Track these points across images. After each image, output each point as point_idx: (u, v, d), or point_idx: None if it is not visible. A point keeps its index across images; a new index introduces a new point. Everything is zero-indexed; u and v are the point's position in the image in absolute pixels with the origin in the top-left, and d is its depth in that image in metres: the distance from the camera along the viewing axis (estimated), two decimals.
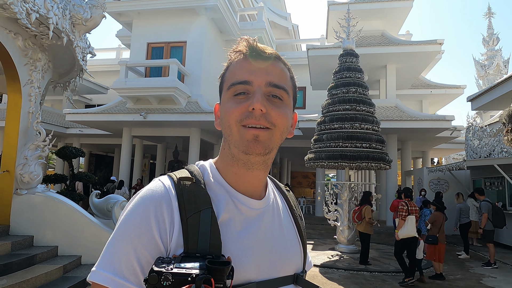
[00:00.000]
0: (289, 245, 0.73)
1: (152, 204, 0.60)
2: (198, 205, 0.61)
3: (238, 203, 0.67)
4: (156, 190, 0.63)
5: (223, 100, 0.70)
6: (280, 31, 23.94)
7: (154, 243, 0.58)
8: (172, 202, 0.61)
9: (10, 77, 4.76)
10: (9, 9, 3.94)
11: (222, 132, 0.70)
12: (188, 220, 0.60)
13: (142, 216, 0.59)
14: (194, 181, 0.66)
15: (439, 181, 12.47)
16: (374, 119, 8.17)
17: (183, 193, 0.63)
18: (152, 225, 0.59)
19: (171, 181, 0.65)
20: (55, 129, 16.44)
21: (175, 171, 0.70)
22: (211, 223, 0.60)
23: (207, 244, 0.58)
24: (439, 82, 19.27)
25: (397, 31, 16.17)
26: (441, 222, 6.11)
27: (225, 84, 0.70)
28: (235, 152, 0.66)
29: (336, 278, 5.95)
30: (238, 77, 0.66)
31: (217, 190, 0.67)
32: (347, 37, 9.15)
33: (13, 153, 4.77)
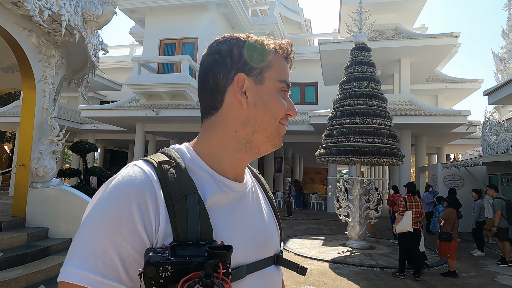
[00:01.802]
0: (269, 226, 0.74)
1: (133, 192, 0.55)
2: (183, 190, 0.58)
3: (223, 186, 0.65)
4: (135, 176, 0.57)
5: (269, 86, 0.67)
6: (292, 26, 23.76)
7: (137, 235, 0.53)
8: (155, 188, 0.57)
9: (25, 73, 4.88)
10: (23, 7, 4.03)
11: (250, 113, 0.66)
12: (174, 207, 0.56)
13: (121, 205, 0.54)
14: (175, 165, 0.61)
15: (454, 178, 12.22)
16: (386, 114, 8.05)
17: (166, 178, 0.58)
18: (134, 215, 0.54)
19: (150, 166, 0.60)
20: (71, 125, 16.81)
21: (151, 156, 0.64)
22: (199, 208, 0.57)
23: (198, 231, 0.55)
24: (455, 76, 18.80)
25: (411, 24, 15.82)
26: (454, 219, 6.02)
27: (274, 71, 0.68)
28: (261, 140, 0.67)
29: (346, 274, 5.92)
30: (286, 77, 0.69)
31: (199, 174, 0.64)
32: (359, 31, 9.02)
33: (28, 147, 4.90)
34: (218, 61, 0.68)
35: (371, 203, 8.19)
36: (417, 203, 5.87)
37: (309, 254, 7.25)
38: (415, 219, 5.81)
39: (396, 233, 5.94)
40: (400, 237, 6.00)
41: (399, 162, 7.91)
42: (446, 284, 5.58)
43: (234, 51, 0.68)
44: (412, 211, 5.80)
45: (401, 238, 5.97)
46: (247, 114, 0.66)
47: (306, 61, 21.06)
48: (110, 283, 0.51)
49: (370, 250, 7.85)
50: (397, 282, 5.58)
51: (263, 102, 0.66)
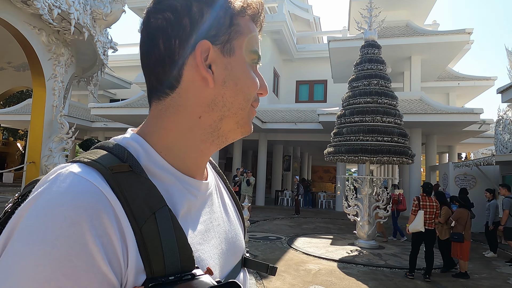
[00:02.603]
0: (235, 226, 0.63)
1: (85, 217, 0.37)
2: (150, 205, 0.42)
3: (192, 189, 0.52)
4: (81, 191, 0.39)
5: (241, 59, 0.53)
6: (301, 23, 23.63)
7: (102, 280, 0.37)
8: (114, 207, 0.40)
9: (35, 71, 4.93)
10: (33, 5, 4.07)
11: (216, 95, 0.51)
12: (142, 230, 0.40)
13: (69, 241, 0.35)
14: (131, 169, 0.44)
15: (466, 177, 12.01)
16: (396, 112, 7.94)
17: (123, 190, 0.41)
18: (94, 252, 0.36)
19: (96, 173, 0.41)
20: (82, 123, 17.03)
21: (88, 153, 0.45)
22: (173, 226, 0.43)
23: (177, 258, 0.41)
24: (468, 74, 18.48)
25: (423, 21, 15.58)
26: (465, 219, 5.90)
27: (245, 38, 0.53)
28: (230, 127, 0.53)
29: (355, 274, 5.86)
30: (257, 46, 0.56)
31: (162, 177, 0.48)
32: (369, 28, 8.90)
33: (38, 145, 4.95)
34: (172, 22, 0.50)
35: (381, 202, 8.10)
36: (432, 203, 5.79)
37: (317, 253, 7.20)
38: (429, 219, 5.74)
39: (409, 232, 5.89)
40: (413, 237, 5.95)
41: (409, 161, 7.80)
42: (457, 286, 5.48)
43: (193, 9, 0.50)
44: (426, 211, 5.72)
45: (414, 238, 5.92)
46: (214, 95, 0.50)
47: (315, 58, 20.94)
48: None
49: (379, 250, 7.76)
50: (407, 282, 5.50)
51: (233, 79, 0.51)
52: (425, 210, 5.73)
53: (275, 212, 14.31)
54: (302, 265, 6.29)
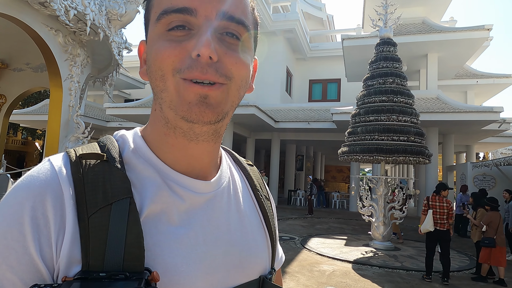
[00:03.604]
0: (252, 239, 0.54)
1: (29, 199, 0.39)
2: (109, 195, 0.41)
3: (177, 187, 0.47)
4: (39, 176, 0.41)
5: (150, 36, 0.47)
6: (314, 22, 23.46)
7: (29, 263, 0.37)
8: (63, 192, 0.40)
9: (52, 72, 5.02)
10: (50, 7, 4.13)
11: (150, 85, 0.48)
12: (90, 220, 0.39)
13: (10, 219, 0.38)
14: (106, 159, 0.44)
15: (485, 177, 11.68)
16: (412, 111, 7.78)
17: (85, 177, 0.41)
18: (26, 232, 0.37)
19: (65, 160, 0.43)
20: (97, 123, 17.32)
21: (81, 146, 0.47)
22: (129, 220, 0.40)
23: (121, 255, 0.38)
24: (487, 72, 17.98)
25: (439, 18, 15.24)
26: (497, 223, 5.64)
27: (153, 10, 0.46)
28: (170, 117, 0.46)
29: (370, 275, 5.76)
30: (174, 0, 0.44)
31: (143, 170, 0.46)
32: (384, 25, 8.74)
33: (55, 144, 5.04)
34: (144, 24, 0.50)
35: (396, 203, 7.95)
36: (442, 204, 5.68)
37: (331, 254, 7.11)
38: (440, 220, 5.64)
39: (421, 233, 5.84)
40: (426, 238, 5.88)
41: (426, 161, 7.63)
42: None
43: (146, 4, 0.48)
44: (435, 211, 5.67)
45: (428, 240, 5.85)
46: (151, 84, 0.47)
47: (329, 57, 20.75)
48: None
49: (395, 252, 7.62)
50: (424, 286, 5.38)
51: (148, 64, 0.47)
52: (434, 210, 5.69)
53: (288, 212, 14.24)
54: (316, 266, 6.22)
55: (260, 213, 0.59)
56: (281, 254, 0.66)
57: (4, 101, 6.96)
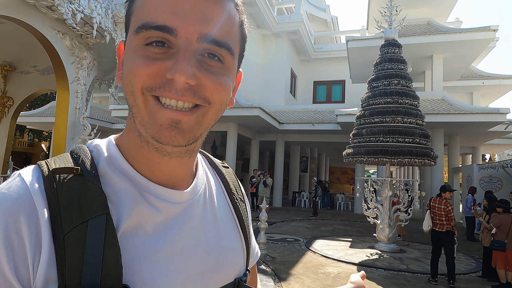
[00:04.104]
0: (227, 244, 0.54)
1: (1, 217, 0.37)
2: (84, 212, 0.40)
3: (153, 199, 0.46)
4: (9, 193, 0.39)
5: (128, 45, 0.44)
6: (319, 23, 23.46)
7: (4, 285, 0.36)
8: (37, 210, 0.39)
9: (59, 75, 5.08)
10: (57, 10, 4.19)
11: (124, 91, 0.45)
12: (66, 238, 0.38)
13: None
14: (80, 173, 0.42)
15: (491, 179, 11.58)
16: (418, 112, 7.75)
17: (58, 193, 0.40)
18: (0, 253, 0.36)
19: (37, 175, 0.41)
20: (103, 125, 17.44)
21: (54, 158, 0.45)
22: (106, 237, 0.39)
23: (98, 274, 0.37)
24: (493, 72, 17.86)
25: (445, 19, 15.17)
26: (508, 226, 5.52)
27: (133, 19, 0.44)
28: (142, 132, 0.44)
29: (375, 278, 5.74)
30: (154, 15, 0.41)
31: (119, 183, 0.45)
32: (389, 27, 8.73)
33: (62, 146, 5.09)
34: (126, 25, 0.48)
35: (402, 205, 7.92)
36: (440, 206, 5.74)
37: (336, 256, 7.09)
38: (439, 221, 5.72)
39: (425, 232, 6.06)
40: (431, 241, 5.93)
41: (431, 162, 7.59)
42: None
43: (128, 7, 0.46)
44: (433, 211, 5.81)
45: (432, 242, 5.92)
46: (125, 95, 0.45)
47: (333, 58, 20.73)
48: None
49: (400, 254, 7.58)
50: None
51: (124, 73, 0.45)
52: (433, 211, 5.82)
53: (292, 214, 14.22)
54: (321, 268, 6.21)
55: (236, 217, 0.59)
56: (256, 250, 0.66)
57: (11, 103, 7.04)
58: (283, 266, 6.13)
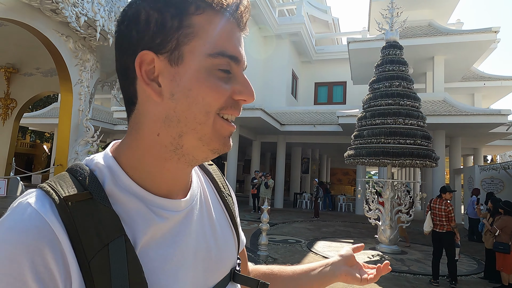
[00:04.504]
0: (223, 241, 0.59)
1: (25, 255, 0.37)
2: (103, 236, 0.41)
3: (160, 211, 0.48)
4: (27, 226, 0.39)
5: (194, 65, 0.46)
6: (320, 25, 23.49)
7: None
8: (60, 241, 0.39)
9: (63, 77, 5.11)
10: (61, 14, 4.22)
11: (172, 108, 0.46)
12: (91, 264, 0.39)
13: (7, 280, 0.36)
14: (90, 196, 0.43)
15: (493, 181, 11.58)
16: (419, 114, 7.77)
17: (76, 222, 0.40)
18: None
19: (49, 204, 0.41)
20: (104, 126, 17.50)
21: (54, 180, 0.45)
22: (128, 258, 0.41)
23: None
24: (494, 74, 17.86)
25: (446, 20, 15.18)
26: (511, 228, 5.49)
27: (201, 40, 0.46)
28: (193, 145, 0.48)
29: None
30: (229, 46, 0.47)
31: (128, 202, 0.46)
32: (390, 28, 8.75)
33: (66, 148, 5.12)
34: (123, 36, 0.48)
35: (403, 207, 7.93)
36: (440, 207, 5.77)
37: None
38: (439, 222, 5.75)
39: (425, 233, 6.09)
40: (432, 242, 5.96)
41: (433, 164, 7.60)
42: None
43: (141, 17, 0.46)
44: (434, 213, 5.84)
45: (433, 243, 5.95)
46: (166, 110, 0.46)
47: (334, 60, 20.76)
48: None
49: (402, 255, 7.59)
50: None
51: (182, 91, 0.46)
52: (433, 212, 5.85)
53: (293, 215, 14.23)
54: None
55: (227, 214, 0.63)
56: (242, 238, 0.70)
57: (14, 105, 7.08)
58: None
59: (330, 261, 0.80)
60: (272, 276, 0.76)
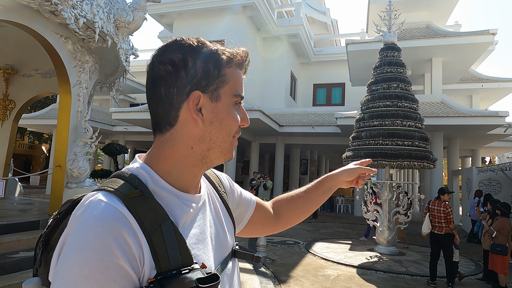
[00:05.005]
0: (226, 224, 0.78)
1: (110, 232, 0.51)
2: (157, 220, 0.57)
3: (187, 203, 0.66)
4: (106, 214, 0.53)
5: (225, 102, 0.67)
6: (319, 26, 23.53)
7: (124, 274, 0.51)
8: (131, 223, 0.54)
9: (61, 78, 5.12)
10: (60, 15, 4.23)
11: (207, 130, 0.65)
12: (152, 239, 0.55)
13: (101, 250, 0.50)
14: (141, 193, 0.59)
15: (491, 182, 11.61)
16: (417, 115, 7.80)
17: (137, 210, 0.56)
18: (118, 256, 0.51)
19: (116, 199, 0.56)
20: (103, 127, 17.47)
21: (108, 183, 0.60)
22: (175, 235, 0.58)
23: (179, 258, 0.56)
24: (492, 76, 17.91)
25: (444, 22, 15.24)
26: (508, 230, 5.53)
27: (229, 86, 0.67)
28: (216, 156, 0.68)
29: (375, 280, 5.76)
30: (240, 89, 0.69)
31: (165, 197, 0.63)
32: (388, 30, 8.79)
33: (64, 149, 5.12)
34: (171, 74, 0.64)
35: (401, 208, 7.95)
36: (439, 208, 5.78)
37: (336, 258, 7.12)
38: (438, 224, 5.75)
39: (423, 235, 6.06)
40: (430, 243, 5.97)
41: (430, 165, 7.63)
42: None
43: (189, 64, 0.64)
44: (432, 214, 5.83)
45: (431, 245, 5.96)
46: (203, 132, 0.65)
47: (333, 61, 20.79)
48: None
49: (400, 256, 7.61)
50: None
51: (218, 119, 0.66)
52: (432, 214, 5.84)
53: None
54: (320, 270, 6.24)
55: (224, 206, 0.82)
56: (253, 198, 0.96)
57: (13, 106, 7.08)
58: (283, 269, 6.16)
59: (338, 176, 1.08)
60: (293, 201, 1.03)
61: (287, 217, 1.01)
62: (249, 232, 0.96)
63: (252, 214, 0.93)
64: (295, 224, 1.05)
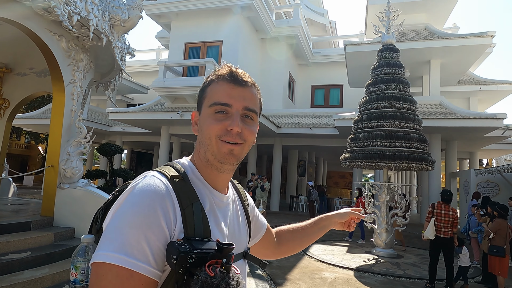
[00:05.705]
0: (242, 229, 0.93)
1: (158, 198, 0.69)
2: (190, 199, 0.74)
3: (214, 197, 0.82)
4: (158, 186, 0.72)
5: (204, 113, 0.82)
6: (317, 28, 23.53)
7: (162, 230, 0.67)
8: (172, 197, 0.72)
9: (55, 77, 5.03)
10: (53, 12, 4.15)
11: (199, 137, 0.82)
12: (185, 211, 0.72)
13: (149, 208, 0.68)
14: (182, 178, 0.77)
15: (488, 184, 11.58)
16: (415, 117, 7.75)
17: (177, 188, 0.74)
18: (160, 216, 0.68)
19: (165, 178, 0.75)
20: (100, 127, 17.37)
21: (161, 168, 0.79)
22: (201, 213, 0.74)
23: (201, 230, 0.72)
24: (490, 78, 17.93)
25: (442, 24, 15.25)
26: (505, 231, 5.47)
27: (207, 99, 0.82)
28: (210, 159, 0.80)
29: (372, 283, 5.69)
30: (220, 98, 0.79)
31: (199, 185, 0.80)
32: (386, 32, 8.75)
33: (57, 149, 5.03)
34: None
35: (399, 210, 7.89)
36: (447, 212, 5.61)
37: (333, 261, 7.05)
38: (444, 228, 5.59)
39: (424, 239, 5.84)
40: (430, 246, 5.84)
41: (429, 167, 7.58)
42: None
43: (199, 93, 0.88)
44: (439, 219, 5.62)
45: (431, 247, 5.82)
46: (199, 137, 0.83)
47: (331, 63, 20.77)
48: (142, 265, 0.64)
49: (398, 259, 7.54)
50: None
51: (201, 127, 0.82)
52: (438, 218, 5.63)
53: (290, 218, 14.16)
54: (317, 273, 6.16)
55: (245, 216, 0.98)
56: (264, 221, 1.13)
57: (7, 105, 6.97)
58: (279, 271, 6.08)
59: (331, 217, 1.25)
60: (293, 232, 1.20)
61: (287, 246, 1.18)
62: (253, 251, 1.06)
63: (263, 236, 1.10)
64: (291, 254, 1.22)
